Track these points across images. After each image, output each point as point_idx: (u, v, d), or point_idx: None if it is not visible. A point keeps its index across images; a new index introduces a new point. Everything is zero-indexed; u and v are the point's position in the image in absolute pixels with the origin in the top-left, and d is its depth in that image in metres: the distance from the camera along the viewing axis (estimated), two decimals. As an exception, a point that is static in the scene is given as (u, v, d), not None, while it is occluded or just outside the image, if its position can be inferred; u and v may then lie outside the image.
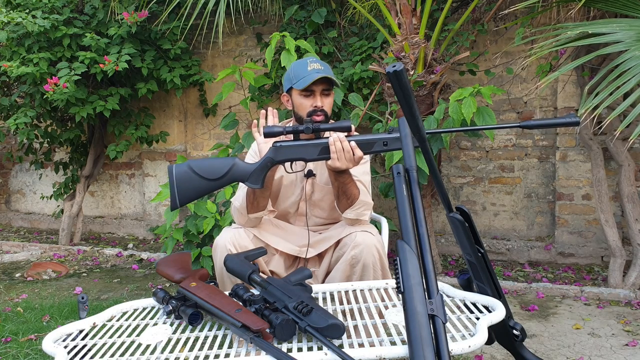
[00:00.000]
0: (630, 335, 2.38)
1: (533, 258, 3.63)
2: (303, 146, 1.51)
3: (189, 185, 1.45)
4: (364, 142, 1.52)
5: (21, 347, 2.31)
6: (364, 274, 1.61)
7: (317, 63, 1.74)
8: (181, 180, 1.45)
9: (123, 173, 5.16)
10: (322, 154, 1.52)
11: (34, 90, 3.88)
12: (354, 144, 1.52)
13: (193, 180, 1.46)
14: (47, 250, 4.44)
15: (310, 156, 1.52)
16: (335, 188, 1.64)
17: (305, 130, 1.49)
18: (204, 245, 3.04)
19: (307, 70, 1.73)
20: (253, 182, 1.52)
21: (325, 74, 1.70)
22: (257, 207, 1.68)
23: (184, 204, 1.46)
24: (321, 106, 1.73)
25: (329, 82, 1.74)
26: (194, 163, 1.47)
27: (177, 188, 1.45)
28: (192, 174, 1.46)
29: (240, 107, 4.38)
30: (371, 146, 1.52)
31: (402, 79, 0.96)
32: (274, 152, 1.51)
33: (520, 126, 1.31)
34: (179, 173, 1.46)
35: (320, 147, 1.52)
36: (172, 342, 1.14)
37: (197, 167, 1.46)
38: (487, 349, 2.19)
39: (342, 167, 1.53)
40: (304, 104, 1.76)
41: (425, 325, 0.96)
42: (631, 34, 2.30)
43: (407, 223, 1.08)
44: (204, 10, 3.37)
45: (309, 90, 1.74)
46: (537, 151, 3.70)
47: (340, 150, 1.51)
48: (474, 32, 3.39)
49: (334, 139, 1.50)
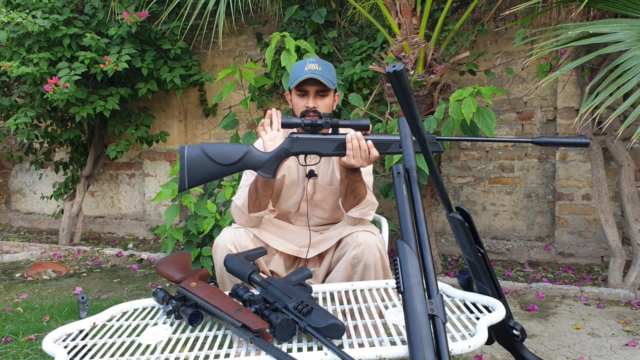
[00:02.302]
0: (630, 335, 2.38)
1: (533, 258, 3.63)
2: (320, 140, 1.51)
3: (200, 168, 1.44)
4: (381, 142, 1.53)
5: (21, 347, 2.31)
6: (365, 274, 1.61)
7: (316, 64, 1.74)
8: (193, 162, 1.44)
9: (123, 173, 5.16)
10: (338, 150, 1.52)
11: (34, 90, 3.88)
12: (371, 143, 1.52)
13: (205, 163, 1.44)
14: (47, 250, 4.44)
15: (326, 151, 1.52)
16: (345, 185, 1.64)
17: (324, 125, 1.49)
18: (204, 245, 3.04)
19: (303, 71, 1.73)
20: (266, 171, 1.52)
21: (316, 75, 1.70)
22: (258, 206, 1.67)
23: (192, 186, 1.45)
24: (313, 107, 1.73)
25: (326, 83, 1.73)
26: (208, 146, 1.45)
27: (187, 170, 1.44)
28: (205, 157, 1.44)
29: (240, 107, 4.38)
30: (387, 147, 1.53)
31: (402, 79, 0.96)
32: (290, 143, 1.51)
33: (533, 142, 1.32)
34: (191, 155, 1.44)
35: (337, 143, 1.52)
36: (172, 342, 1.14)
37: (211, 151, 1.45)
38: (487, 349, 2.19)
39: (356, 165, 1.54)
40: (299, 104, 1.76)
41: (425, 325, 0.96)
42: (632, 33, 2.30)
43: (407, 223, 1.08)
44: (204, 10, 3.37)
45: (302, 90, 1.75)
46: (537, 151, 3.70)
47: (357, 148, 1.51)
48: (474, 32, 3.39)
49: (352, 136, 1.51)
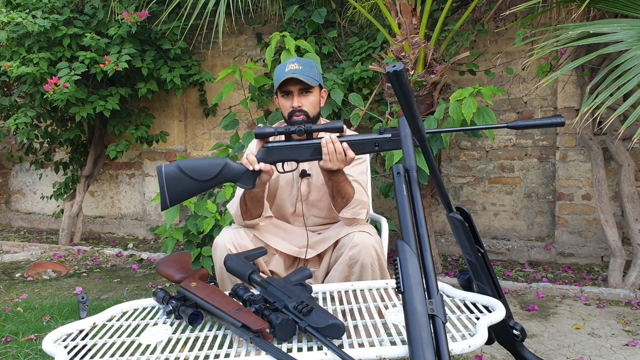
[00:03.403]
0: (630, 335, 2.38)
1: (533, 258, 3.63)
2: (295, 147, 1.52)
3: (179, 186, 1.45)
4: (356, 143, 1.53)
5: (21, 347, 2.31)
6: (362, 274, 1.61)
7: (295, 63, 1.73)
8: (171, 180, 1.44)
9: (123, 173, 5.16)
10: (314, 155, 1.53)
11: (34, 90, 3.88)
12: (346, 145, 1.52)
13: (183, 181, 1.45)
14: (47, 250, 4.44)
15: (303, 157, 1.53)
16: (330, 188, 1.64)
17: (297, 132, 1.50)
18: (204, 245, 3.04)
19: (284, 72, 1.72)
20: (245, 183, 1.52)
21: (296, 75, 1.69)
22: (251, 216, 1.69)
23: (174, 204, 1.46)
24: (298, 106, 1.73)
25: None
26: (183, 164, 1.46)
27: (166, 188, 1.44)
28: (182, 174, 1.45)
29: (240, 107, 4.38)
30: (363, 147, 1.53)
31: (402, 79, 0.96)
32: (265, 153, 1.52)
33: (508, 126, 1.34)
34: (169, 173, 1.45)
35: (312, 148, 1.52)
36: (172, 342, 1.14)
37: (187, 168, 1.45)
38: (487, 349, 2.19)
39: (334, 168, 1.54)
40: (285, 105, 1.76)
41: (425, 325, 0.96)
42: (632, 33, 2.30)
43: (407, 223, 1.08)
44: (204, 10, 3.37)
45: (285, 91, 1.74)
46: (537, 151, 3.70)
47: (332, 151, 1.51)
48: (474, 32, 3.39)
49: (326, 140, 1.51)
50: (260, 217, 1.70)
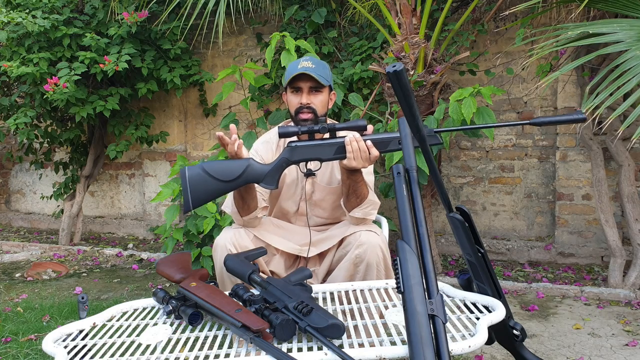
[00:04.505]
0: (630, 335, 2.38)
1: (533, 258, 3.63)
2: (319, 146, 1.51)
3: (203, 187, 1.44)
4: (380, 141, 1.52)
5: (21, 347, 2.31)
6: (367, 273, 1.61)
7: (309, 61, 1.74)
8: (195, 182, 1.44)
9: (123, 173, 5.16)
10: (338, 154, 1.52)
11: (34, 90, 3.88)
12: (370, 143, 1.51)
13: (207, 182, 1.44)
14: (47, 250, 4.44)
15: (326, 156, 1.52)
16: (347, 187, 1.63)
17: (320, 130, 1.49)
18: (204, 245, 3.04)
19: (296, 68, 1.73)
20: (268, 182, 1.51)
21: (308, 71, 1.69)
22: (248, 209, 1.67)
23: (197, 206, 1.45)
24: (307, 103, 1.73)
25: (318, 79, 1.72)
26: (208, 165, 1.45)
27: (190, 190, 1.43)
28: (206, 176, 1.44)
29: (241, 107, 4.38)
30: (387, 145, 1.52)
31: (402, 79, 0.96)
32: (290, 152, 1.51)
33: (531, 123, 1.30)
34: (192, 175, 1.44)
35: (336, 147, 1.51)
36: (172, 342, 1.14)
37: (211, 169, 1.45)
38: (487, 349, 2.19)
39: (357, 167, 1.53)
40: (293, 101, 1.76)
41: (425, 325, 0.96)
42: (632, 33, 2.30)
43: (407, 223, 1.08)
44: (204, 10, 3.37)
45: (295, 87, 1.74)
46: (537, 151, 3.70)
47: (356, 149, 1.50)
48: (474, 32, 3.39)
49: (350, 139, 1.50)
50: (257, 209, 1.69)
